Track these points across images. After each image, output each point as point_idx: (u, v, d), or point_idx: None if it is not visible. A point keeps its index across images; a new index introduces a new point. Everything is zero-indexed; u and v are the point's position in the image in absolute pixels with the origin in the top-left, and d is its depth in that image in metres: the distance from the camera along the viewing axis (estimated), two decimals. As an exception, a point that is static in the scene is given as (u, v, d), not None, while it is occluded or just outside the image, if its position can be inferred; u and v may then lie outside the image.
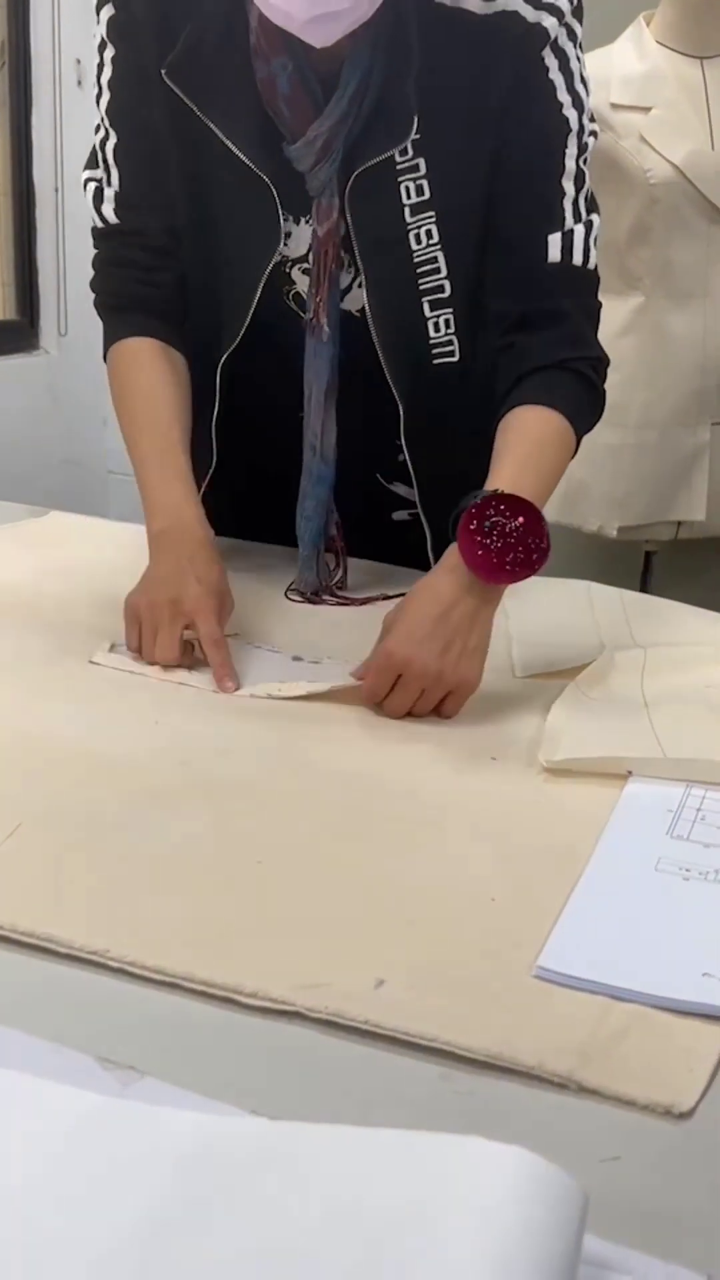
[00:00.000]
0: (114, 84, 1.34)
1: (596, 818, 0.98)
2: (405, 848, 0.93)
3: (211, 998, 0.76)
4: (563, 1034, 0.74)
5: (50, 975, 0.78)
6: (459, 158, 1.29)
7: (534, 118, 1.29)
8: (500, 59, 1.26)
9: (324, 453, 1.38)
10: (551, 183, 1.31)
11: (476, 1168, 0.56)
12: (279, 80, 1.25)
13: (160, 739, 1.09)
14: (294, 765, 1.06)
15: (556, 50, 1.27)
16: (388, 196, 1.30)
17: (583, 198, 1.33)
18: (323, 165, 1.28)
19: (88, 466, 3.32)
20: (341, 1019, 0.74)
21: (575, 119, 1.30)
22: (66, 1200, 0.58)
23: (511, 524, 1.15)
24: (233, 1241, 0.55)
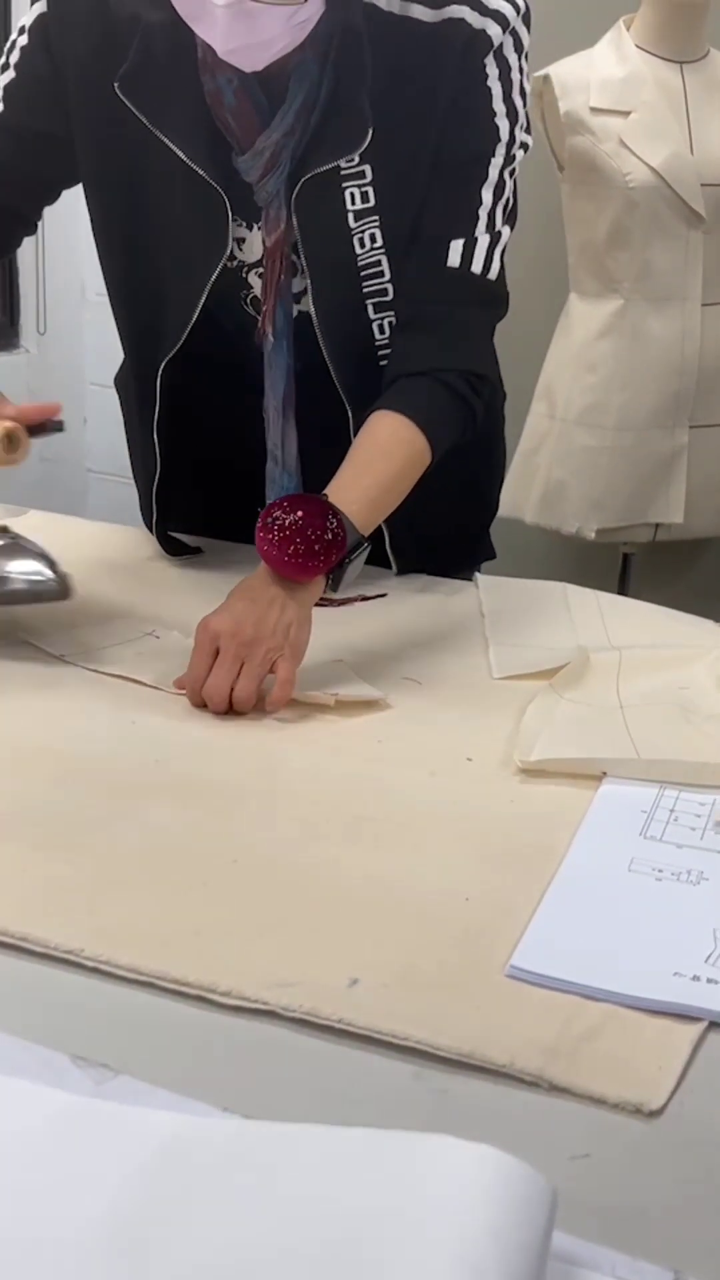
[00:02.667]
0: (19, 68, 1.34)
1: (571, 818, 0.98)
2: (380, 847, 0.94)
3: (186, 996, 0.76)
4: (534, 1033, 0.74)
5: (24, 974, 0.78)
6: (403, 163, 1.30)
7: (466, 123, 1.29)
8: (445, 66, 1.27)
9: (286, 462, 1.39)
10: (470, 189, 1.32)
11: (446, 1166, 0.57)
12: (225, 93, 1.26)
13: (135, 738, 1.09)
14: (269, 765, 1.06)
15: (499, 58, 1.27)
16: (332, 202, 1.30)
17: (500, 208, 1.33)
18: (270, 176, 1.29)
19: (66, 465, 3.32)
20: (315, 1018, 0.75)
21: (507, 129, 1.30)
22: (39, 1199, 0.58)
23: (290, 518, 1.19)
24: (205, 1239, 0.55)
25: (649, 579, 2.74)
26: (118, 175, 1.35)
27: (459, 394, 1.33)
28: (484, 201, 1.32)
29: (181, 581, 1.48)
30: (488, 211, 1.32)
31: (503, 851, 0.94)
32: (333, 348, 1.36)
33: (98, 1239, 0.55)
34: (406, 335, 1.34)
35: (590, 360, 2.47)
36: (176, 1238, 0.55)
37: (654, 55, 2.39)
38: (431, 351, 1.33)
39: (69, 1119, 0.62)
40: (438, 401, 1.32)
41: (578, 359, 2.48)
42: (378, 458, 1.28)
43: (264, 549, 1.19)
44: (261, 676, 1.15)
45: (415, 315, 1.34)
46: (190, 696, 1.16)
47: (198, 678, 1.15)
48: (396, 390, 1.31)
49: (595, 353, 2.46)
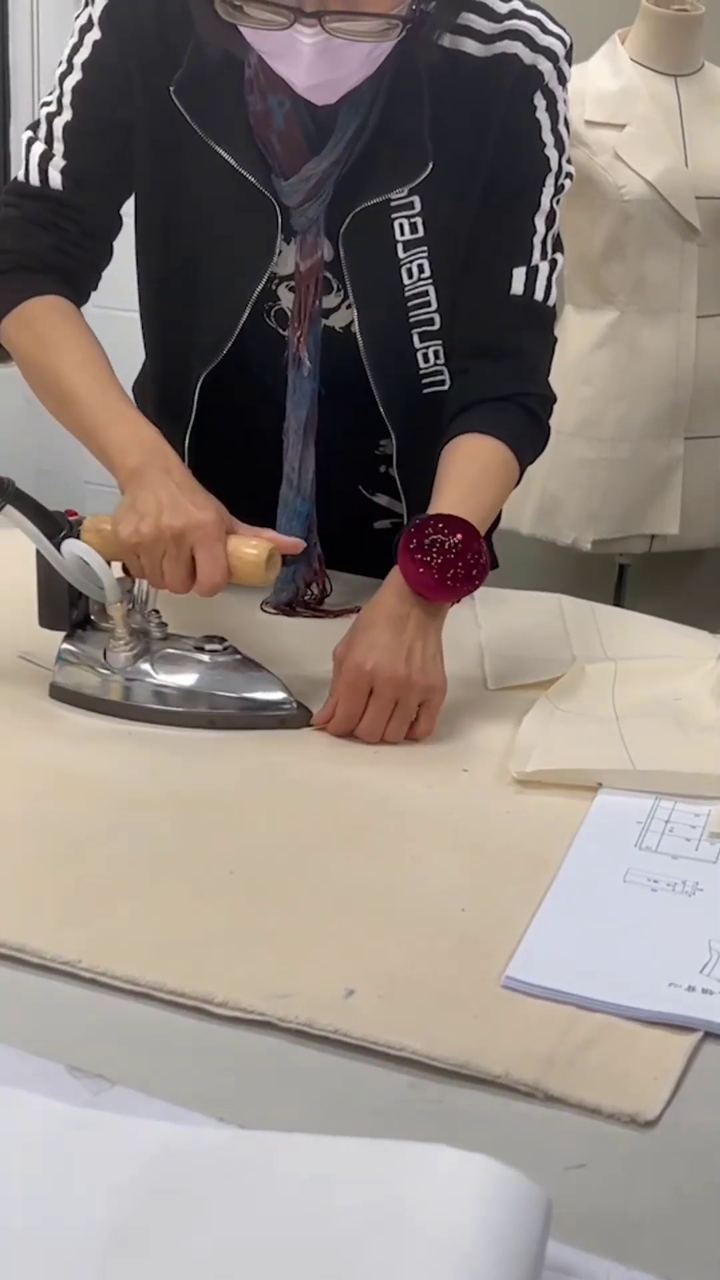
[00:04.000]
0: (88, 66, 1.31)
1: (566, 829, 0.99)
2: (376, 858, 0.94)
3: (182, 1007, 0.76)
4: (530, 1043, 0.75)
5: (22, 985, 0.78)
6: (453, 195, 1.31)
7: (519, 154, 1.30)
8: (497, 100, 1.28)
9: (301, 486, 1.39)
10: (525, 219, 1.33)
11: (442, 1175, 0.57)
12: (274, 116, 1.26)
13: (132, 749, 1.10)
14: (265, 776, 1.06)
15: (546, 92, 1.29)
16: (382, 233, 1.31)
17: (551, 236, 1.35)
18: (311, 203, 1.29)
19: (63, 477, 3.31)
20: (311, 1028, 0.75)
21: (556, 160, 1.32)
22: (36, 1208, 0.58)
23: (449, 541, 1.17)
24: (201, 1249, 0.55)
25: (645, 590, 2.74)
26: (168, 176, 1.34)
27: (538, 417, 1.35)
28: (538, 230, 1.33)
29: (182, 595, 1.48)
30: (541, 240, 1.34)
31: (499, 862, 0.94)
32: (378, 374, 1.36)
33: (94, 1248, 0.56)
34: (481, 361, 1.35)
35: (586, 372, 2.48)
36: (172, 1247, 0.56)
37: (649, 69, 2.40)
38: (511, 377, 1.34)
39: (66, 1129, 0.63)
40: (523, 425, 1.34)
41: (573, 371, 2.49)
42: (484, 481, 1.28)
43: (418, 571, 1.17)
44: (412, 719, 1.15)
45: (487, 343, 1.35)
46: (334, 732, 1.14)
47: (351, 717, 1.14)
48: (484, 413, 1.32)
49: (591, 365, 2.47)
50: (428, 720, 1.15)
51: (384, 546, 1.52)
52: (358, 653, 1.16)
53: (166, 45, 1.27)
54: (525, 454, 1.32)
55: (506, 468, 1.30)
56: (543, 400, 1.36)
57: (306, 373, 1.35)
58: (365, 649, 1.16)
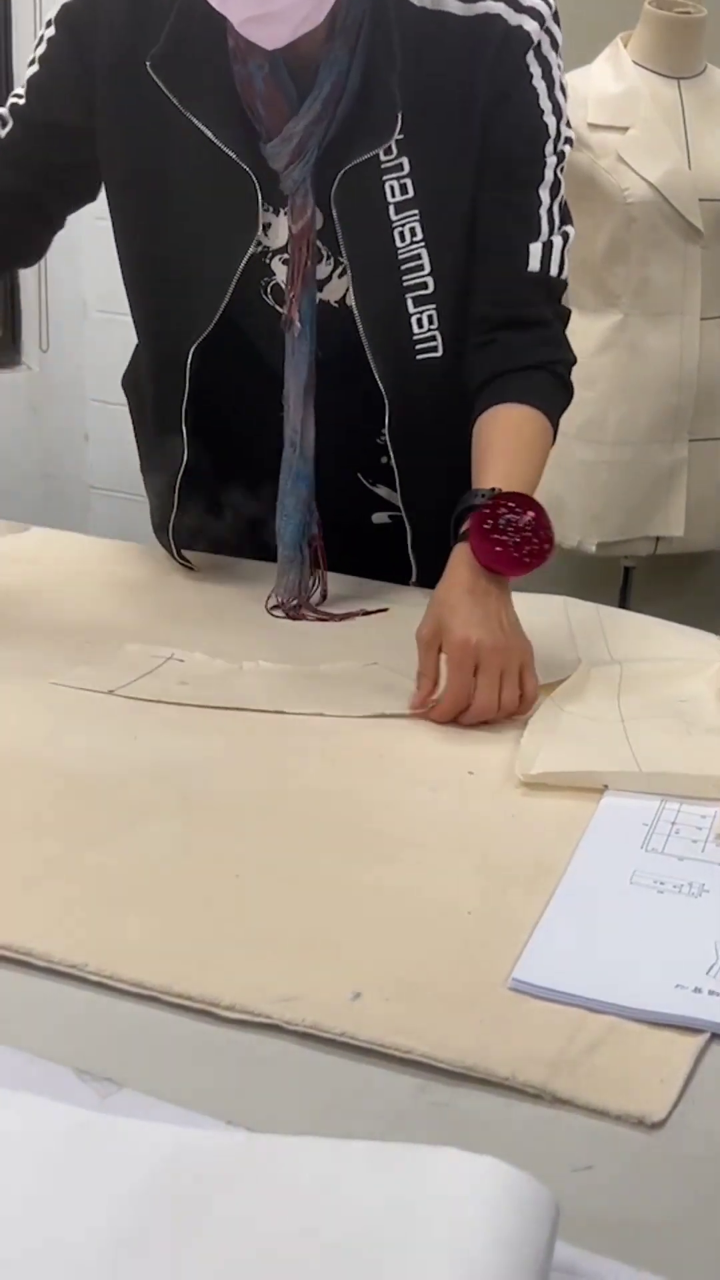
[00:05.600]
0: (43, 61, 1.37)
1: (572, 831, 0.99)
2: (382, 861, 0.94)
3: (189, 1010, 0.76)
4: (537, 1045, 0.74)
5: (29, 989, 0.78)
6: (442, 157, 1.32)
7: (517, 125, 1.32)
8: (483, 61, 1.29)
9: (303, 449, 1.40)
10: (530, 192, 1.34)
11: (449, 1178, 0.57)
12: (255, 80, 1.28)
13: (138, 753, 1.10)
14: (272, 779, 1.06)
15: (539, 57, 1.30)
16: (372, 195, 1.32)
17: (557, 206, 1.37)
18: (296, 165, 1.30)
19: (68, 482, 3.33)
20: (319, 1031, 0.75)
21: (554, 125, 1.33)
22: (44, 1212, 0.58)
23: (524, 519, 1.22)
24: (209, 1253, 0.55)
25: (650, 592, 2.74)
26: (144, 159, 1.36)
27: (566, 382, 1.40)
28: (543, 201, 1.35)
29: (187, 597, 1.48)
30: (548, 211, 1.35)
31: (504, 865, 0.94)
32: (373, 339, 1.37)
33: (102, 1253, 0.56)
34: (507, 334, 1.37)
35: (589, 375, 2.47)
36: (180, 1251, 0.56)
37: (651, 71, 2.41)
38: (539, 346, 1.38)
39: (73, 1133, 0.63)
40: (554, 390, 1.39)
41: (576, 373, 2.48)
42: (530, 454, 1.32)
43: (495, 550, 1.20)
44: (516, 685, 1.18)
45: (511, 316, 1.37)
46: (443, 716, 1.16)
47: (464, 694, 1.16)
48: (517, 383, 1.35)
49: (594, 367, 2.47)
50: (531, 681, 1.19)
51: (382, 544, 1.53)
52: (457, 631, 1.18)
53: (143, 29, 1.29)
54: (558, 417, 1.37)
55: (546, 435, 1.35)
56: (568, 366, 1.41)
57: (298, 334, 1.36)
58: (463, 626, 1.18)
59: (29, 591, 1.49)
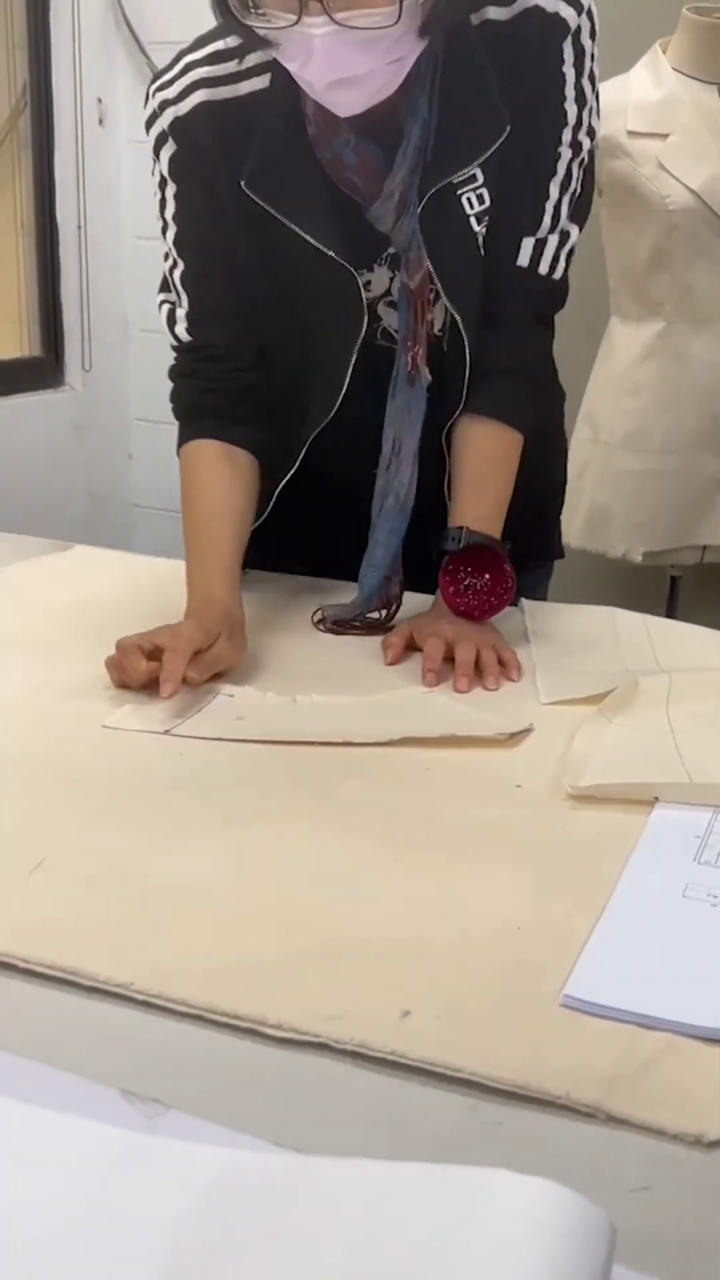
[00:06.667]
0: (178, 218, 1.41)
1: (623, 845, 0.97)
2: (430, 876, 0.93)
3: (236, 1030, 0.75)
4: (590, 1063, 0.73)
5: (75, 1009, 0.77)
6: (507, 158, 1.33)
7: (537, 108, 1.32)
8: (526, 54, 1.30)
9: (405, 503, 1.41)
10: (539, 183, 1.35)
11: (502, 1200, 0.56)
12: (343, 155, 1.31)
13: (181, 771, 1.09)
14: (315, 795, 1.06)
15: (576, 44, 1.30)
16: (453, 212, 1.34)
17: (566, 202, 1.36)
18: (403, 219, 1.32)
19: (112, 500, 3.34)
20: (367, 1050, 0.74)
21: (575, 113, 1.33)
22: (92, 1235, 0.57)
23: (480, 582, 1.37)
24: (260, 1276, 0.54)
25: (698, 602, 2.72)
26: (263, 260, 1.39)
27: (539, 382, 1.45)
28: (551, 195, 1.35)
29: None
30: (554, 205, 1.36)
31: (554, 879, 0.93)
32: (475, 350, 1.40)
33: (150, 1276, 0.55)
34: (486, 331, 1.38)
35: (633, 384, 2.46)
36: (231, 1274, 0.55)
37: (691, 78, 2.39)
38: (515, 349, 1.41)
39: (120, 1155, 0.62)
40: (526, 396, 1.42)
41: (620, 383, 2.48)
42: (495, 479, 1.40)
43: (459, 607, 1.37)
44: (493, 663, 1.29)
45: (488, 311, 1.38)
46: (428, 664, 1.29)
47: (438, 652, 1.29)
48: (487, 392, 1.39)
49: (638, 376, 2.46)
50: (508, 652, 1.32)
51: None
52: (427, 626, 1.34)
53: (230, 149, 1.34)
54: (528, 419, 1.42)
55: (512, 453, 1.41)
56: (538, 370, 1.44)
57: (419, 388, 1.38)
58: (433, 623, 1.35)
59: (69, 609, 1.49)
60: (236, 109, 1.34)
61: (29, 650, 1.36)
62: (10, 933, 0.83)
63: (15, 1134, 0.64)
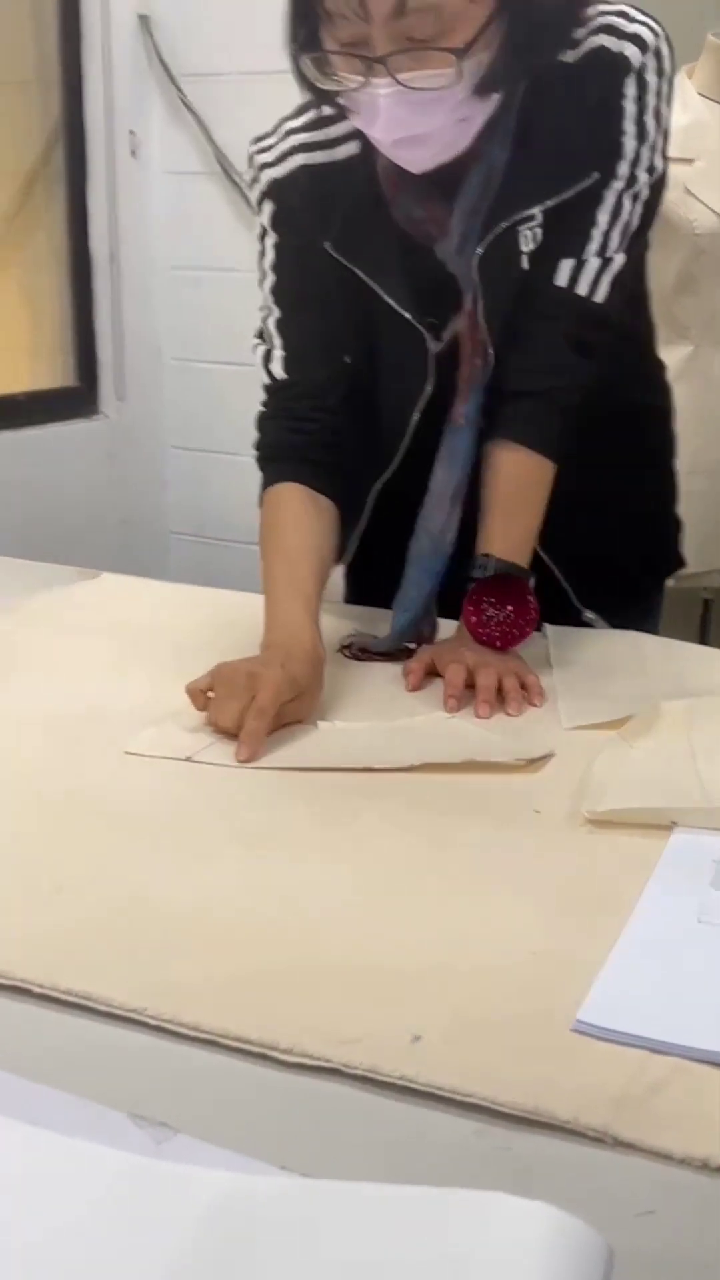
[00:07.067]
0: (276, 267, 1.46)
1: (640, 870, 0.97)
2: (445, 900, 0.93)
3: (246, 1054, 0.76)
4: (599, 1087, 0.73)
5: (84, 1032, 0.78)
6: (566, 199, 1.34)
7: (593, 137, 1.33)
8: (589, 94, 1.31)
9: (443, 546, 1.42)
10: (586, 210, 1.35)
11: (500, 1223, 0.56)
12: (412, 210, 1.35)
13: (200, 796, 1.10)
14: (333, 820, 1.06)
15: (639, 80, 1.31)
16: (510, 249, 1.35)
17: (616, 231, 1.36)
18: (463, 257, 1.34)
19: (147, 527, 3.36)
20: (377, 1075, 0.74)
21: (633, 148, 1.33)
22: (100, 1258, 0.58)
23: (502, 613, 1.37)
24: (263, 1299, 0.55)
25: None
26: (343, 319, 1.43)
27: (569, 410, 1.40)
28: (598, 223, 1.35)
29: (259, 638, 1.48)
30: (601, 233, 1.35)
31: (570, 904, 0.93)
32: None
33: (152, 1299, 0.55)
34: (516, 351, 1.39)
35: (662, 407, 2.46)
36: (232, 1298, 0.55)
37: (717, 102, 2.40)
38: (546, 373, 1.39)
39: (126, 1178, 0.63)
40: (555, 423, 1.40)
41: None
42: (523, 508, 1.39)
43: (481, 636, 1.37)
44: (516, 688, 1.30)
45: (522, 329, 1.38)
46: (449, 689, 1.30)
47: (459, 678, 1.30)
48: (518, 418, 1.39)
49: (667, 399, 2.45)
50: (531, 677, 1.33)
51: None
52: (448, 654, 1.35)
53: (328, 209, 1.40)
54: (560, 447, 1.39)
55: (542, 480, 1.39)
56: (570, 392, 1.39)
57: (461, 430, 1.40)
58: (453, 650, 1.36)
59: (95, 637, 1.50)
60: (331, 172, 1.39)
61: (53, 676, 1.38)
62: (25, 956, 0.84)
63: (23, 1157, 0.64)
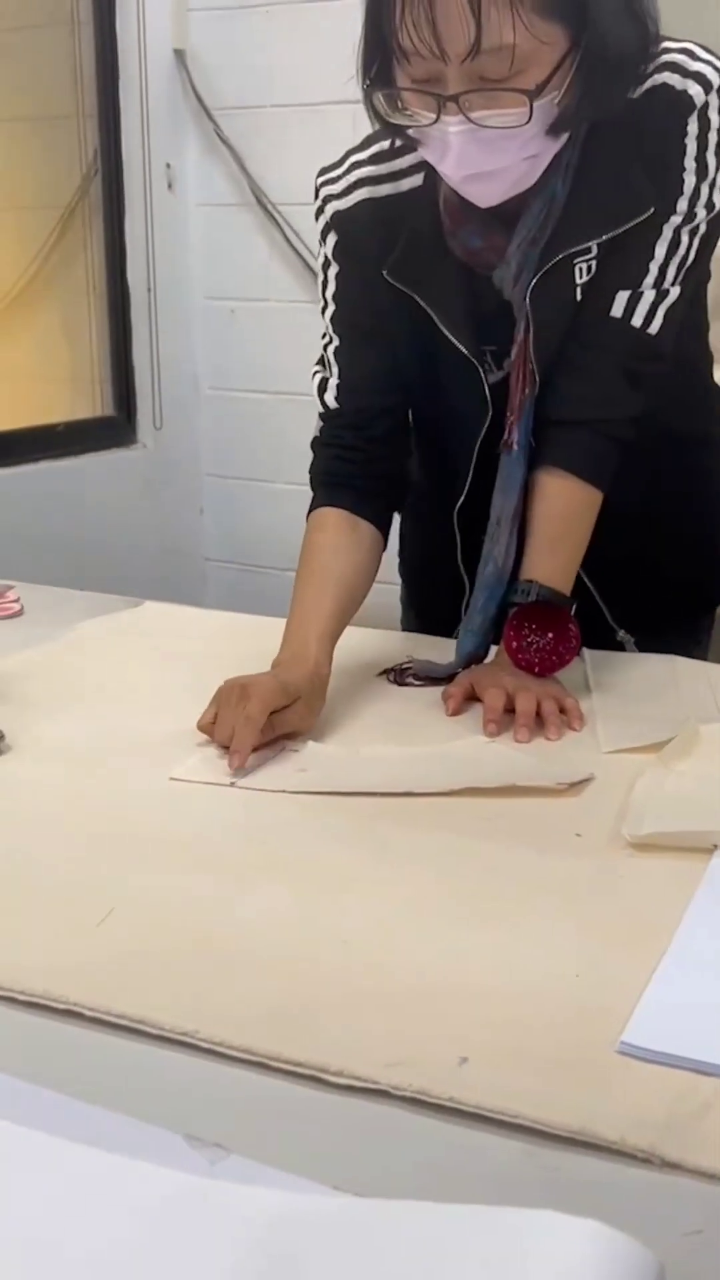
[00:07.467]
0: (337, 297, 1.49)
1: (682, 892, 0.98)
2: (489, 924, 0.94)
3: (298, 1076, 0.77)
4: (646, 1109, 0.74)
5: (140, 1055, 0.80)
6: (624, 235, 1.36)
7: (654, 174, 1.34)
8: (650, 131, 1.32)
9: (503, 570, 1.43)
10: (644, 244, 1.36)
11: (552, 1241, 0.57)
12: (470, 241, 1.37)
13: (245, 821, 1.12)
14: (377, 845, 1.07)
15: (702, 118, 1.32)
16: (563, 280, 1.36)
17: (673, 265, 1.36)
18: (518, 287, 1.36)
19: (185, 555, 3.39)
20: (425, 1097, 0.75)
21: (692, 184, 1.34)
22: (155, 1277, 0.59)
23: (543, 640, 1.37)
24: (318, 1317, 0.56)
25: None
26: (405, 346, 1.46)
27: (621, 441, 1.41)
28: (656, 256, 1.36)
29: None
30: (659, 266, 1.36)
31: (613, 927, 0.94)
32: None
33: (210, 1316, 0.56)
34: (570, 379, 1.40)
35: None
36: (288, 1315, 0.56)
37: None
38: (598, 404, 1.39)
39: (181, 1197, 0.64)
40: (604, 453, 1.41)
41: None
42: (567, 537, 1.40)
43: (521, 662, 1.37)
44: (555, 712, 1.31)
45: (576, 359, 1.39)
46: (489, 714, 1.31)
47: (498, 708, 1.31)
48: (569, 446, 1.40)
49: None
50: (570, 700, 1.33)
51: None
52: (487, 679, 1.36)
53: (389, 238, 1.41)
54: (607, 475, 1.40)
55: (588, 508, 1.40)
56: (620, 424, 1.40)
57: (515, 456, 1.41)
58: (493, 675, 1.36)
59: (139, 665, 1.52)
60: (395, 204, 1.41)
61: (99, 704, 1.39)
62: (79, 982, 0.85)
63: (81, 1177, 0.66)
